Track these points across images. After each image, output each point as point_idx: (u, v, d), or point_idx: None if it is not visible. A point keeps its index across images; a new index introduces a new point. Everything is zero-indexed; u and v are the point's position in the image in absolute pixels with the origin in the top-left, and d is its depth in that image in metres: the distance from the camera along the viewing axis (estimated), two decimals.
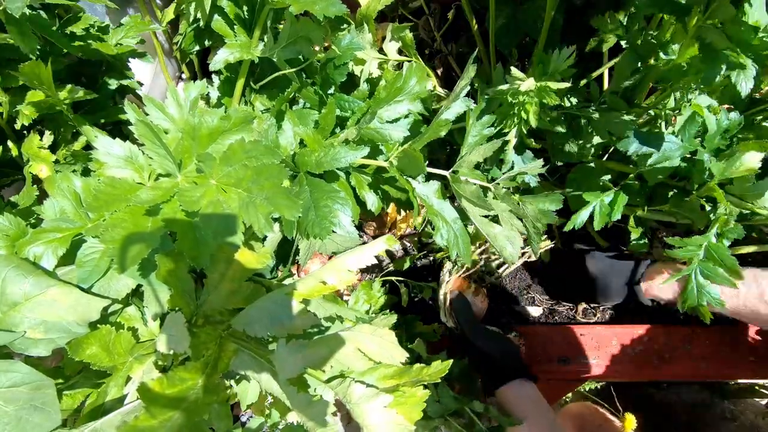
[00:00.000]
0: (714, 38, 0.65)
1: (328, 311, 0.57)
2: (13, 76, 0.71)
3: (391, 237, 0.59)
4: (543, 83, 0.71)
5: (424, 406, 0.49)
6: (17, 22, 0.65)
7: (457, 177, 0.73)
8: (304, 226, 0.67)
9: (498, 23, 1.03)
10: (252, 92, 0.85)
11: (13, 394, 0.48)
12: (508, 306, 1.25)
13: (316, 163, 0.69)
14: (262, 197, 0.52)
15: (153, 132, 0.52)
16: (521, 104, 0.74)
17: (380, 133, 0.75)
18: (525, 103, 0.74)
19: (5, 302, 0.52)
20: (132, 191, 0.53)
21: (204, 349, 0.51)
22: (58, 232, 0.57)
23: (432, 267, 1.29)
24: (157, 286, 0.58)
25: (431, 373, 0.52)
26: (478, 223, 0.74)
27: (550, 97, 0.72)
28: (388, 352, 0.53)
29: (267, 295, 0.53)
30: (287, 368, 0.49)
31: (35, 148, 0.76)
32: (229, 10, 0.77)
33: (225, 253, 0.56)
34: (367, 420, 0.48)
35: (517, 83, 0.71)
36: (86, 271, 0.55)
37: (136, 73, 0.93)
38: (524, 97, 0.73)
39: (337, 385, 0.49)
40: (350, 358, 0.52)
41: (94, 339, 0.55)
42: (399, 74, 0.75)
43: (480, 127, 0.76)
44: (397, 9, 1.27)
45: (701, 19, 0.66)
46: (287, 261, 0.81)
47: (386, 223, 1.27)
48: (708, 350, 1.05)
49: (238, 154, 0.54)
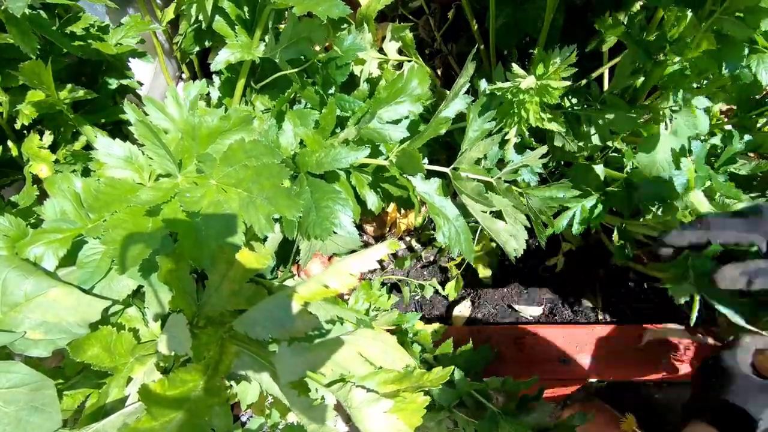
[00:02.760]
0: (733, 29, 0.64)
1: (329, 313, 0.57)
2: (13, 76, 0.71)
3: (394, 242, 0.59)
4: (544, 82, 0.71)
5: (424, 412, 0.49)
6: (17, 22, 0.64)
7: (458, 174, 0.73)
8: (305, 227, 0.67)
9: (498, 23, 1.03)
10: (253, 92, 0.85)
11: (13, 395, 0.48)
12: (508, 305, 1.25)
13: (316, 164, 0.69)
14: (262, 197, 0.51)
15: (153, 132, 0.52)
16: (521, 103, 0.74)
17: (380, 133, 0.75)
18: (525, 102, 0.74)
19: (6, 303, 0.52)
20: (132, 192, 0.53)
21: (205, 351, 0.51)
22: (59, 233, 0.57)
23: (432, 265, 1.29)
24: (158, 287, 0.58)
25: (432, 379, 0.52)
26: (480, 219, 0.74)
27: (550, 96, 0.72)
28: (389, 356, 0.53)
29: (269, 298, 0.53)
30: (288, 371, 0.49)
31: (35, 148, 0.75)
32: (230, 11, 0.77)
33: (226, 254, 0.56)
34: (367, 425, 0.48)
35: (518, 80, 0.71)
36: (87, 272, 0.55)
37: (136, 73, 0.93)
38: (525, 95, 0.73)
39: (337, 389, 0.49)
40: (351, 362, 0.51)
41: (96, 340, 0.55)
42: (400, 75, 0.74)
43: (481, 121, 0.76)
44: (397, 9, 1.27)
45: (718, 11, 0.65)
46: (288, 262, 0.81)
47: (386, 222, 1.27)
48: (710, 351, 1.05)
49: (239, 154, 0.54)
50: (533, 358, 1.07)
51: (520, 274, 1.26)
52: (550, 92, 0.71)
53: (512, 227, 0.76)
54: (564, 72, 0.71)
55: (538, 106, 0.74)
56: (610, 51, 1.05)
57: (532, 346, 1.08)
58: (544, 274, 1.26)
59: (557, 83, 0.70)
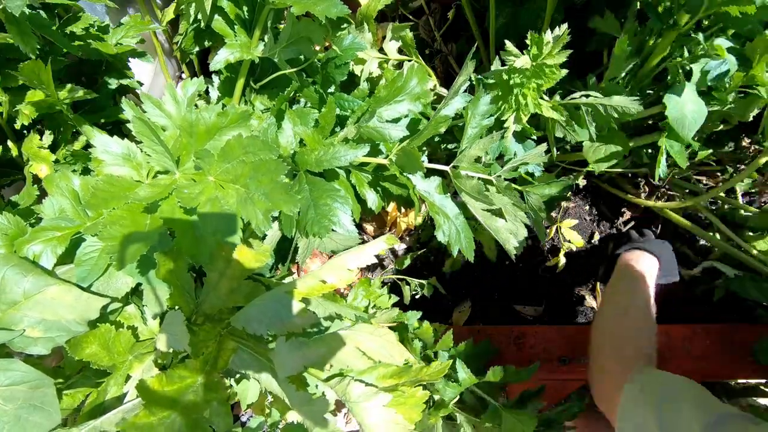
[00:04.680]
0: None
1: (327, 310, 0.57)
2: (13, 76, 0.71)
3: (392, 236, 0.59)
4: (539, 61, 0.70)
5: (423, 407, 0.49)
6: (17, 22, 0.65)
7: (457, 172, 0.73)
8: (303, 225, 0.67)
9: (498, 23, 1.03)
10: (252, 92, 0.85)
11: (13, 392, 0.48)
12: (508, 304, 1.25)
13: (315, 162, 0.69)
14: (260, 193, 0.51)
15: (151, 129, 0.52)
16: (519, 86, 0.73)
17: (380, 132, 0.75)
18: (523, 86, 0.73)
19: (4, 301, 0.52)
20: (130, 188, 0.53)
21: (203, 347, 0.51)
22: (57, 231, 0.57)
23: (432, 264, 1.29)
24: (156, 285, 0.57)
25: (431, 373, 0.51)
26: (480, 217, 0.74)
27: (547, 78, 0.71)
28: (388, 351, 0.53)
29: (267, 294, 0.53)
30: (287, 366, 0.48)
31: (35, 148, 0.76)
32: (229, 11, 0.77)
33: (224, 251, 0.56)
34: (366, 419, 0.48)
35: (512, 59, 0.70)
36: (85, 269, 0.55)
37: (136, 72, 0.93)
38: (521, 77, 0.72)
39: (336, 384, 0.49)
40: (350, 356, 0.51)
41: (94, 338, 0.55)
42: (400, 74, 0.74)
43: (479, 118, 0.75)
44: (397, 9, 1.27)
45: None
46: (286, 259, 0.81)
47: (386, 221, 1.27)
48: (708, 350, 1.04)
49: (236, 150, 0.54)
50: (533, 358, 1.07)
51: (521, 273, 1.26)
52: (547, 73, 0.71)
53: (512, 225, 0.76)
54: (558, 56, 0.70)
55: (536, 91, 0.73)
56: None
57: (532, 346, 1.08)
58: (544, 274, 1.25)
59: (553, 59, 0.69)
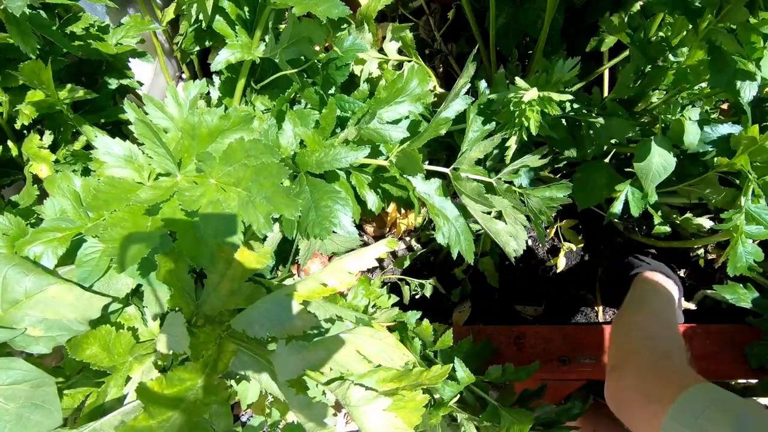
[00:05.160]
0: (725, 41, 0.65)
1: (328, 312, 0.57)
2: (13, 76, 0.71)
3: (393, 240, 0.59)
4: (545, 93, 0.71)
5: (423, 411, 0.49)
6: (17, 22, 0.65)
7: (458, 174, 0.73)
8: (304, 227, 0.67)
9: (498, 23, 1.03)
10: (253, 92, 0.85)
11: (14, 391, 0.48)
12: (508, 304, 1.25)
13: (316, 164, 0.69)
14: (261, 196, 0.51)
15: (152, 131, 0.52)
16: (522, 112, 0.74)
17: (380, 134, 0.75)
18: (526, 111, 0.74)
19: (6, 300, 0.52)
20: (132, 190, 0.53)
21: (203, 350, 0.51)
22: (58, 232, 0.57)
23: (432, 264, 1.29)
24: (157, 286, 0.58)
25: (431, 377, 0.51)
26: (480, 219, 0.74)
27: (551, 107, 0.72)
28: (388, 354, 0.53)
29: (267, 296, 0.53)
30: (287, 369, 0.49)
31: (35, 148, 0.76)
32: (230, 11, 0.77)
33: (225, 253, 0.56)
34: (366, 423, 0.48)
35: (521, 93, 0.71)
36: (86, 270, 0.55)
37: (136, 72, 0.93)
38: (526, 106, 0.73)
39: (336, 387, 0.49)
40: (350, 360, 0.51)
41: (94, 339, 0.55)
42: (400, 75, 0.74)
43: (481, 122, 0.76)
44: (397, 9, 1.27)
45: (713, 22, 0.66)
46: (287, 261, 0.81)
47: (386, 222, 1.27)
48: (708, 350, 1.04)
49: (238, 153, 0.54)
50: (533, 358, 1.07)
51: (521, 274, 1.26)
52: (552, 104, 0.72)
53: (512, 228, 0.77)
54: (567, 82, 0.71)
55: (539, 115, 0.74)
56: (610, 51, 1.05)
57: (532, 346, 1.08)
58: (544, 274, 1.26)
59: (559, 96, 0.70)
